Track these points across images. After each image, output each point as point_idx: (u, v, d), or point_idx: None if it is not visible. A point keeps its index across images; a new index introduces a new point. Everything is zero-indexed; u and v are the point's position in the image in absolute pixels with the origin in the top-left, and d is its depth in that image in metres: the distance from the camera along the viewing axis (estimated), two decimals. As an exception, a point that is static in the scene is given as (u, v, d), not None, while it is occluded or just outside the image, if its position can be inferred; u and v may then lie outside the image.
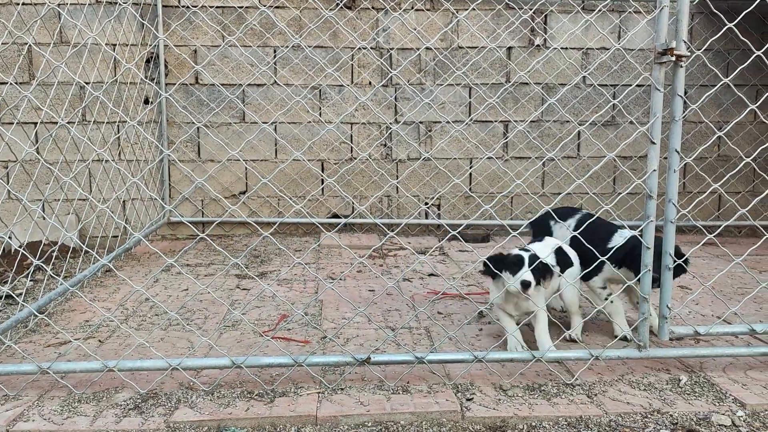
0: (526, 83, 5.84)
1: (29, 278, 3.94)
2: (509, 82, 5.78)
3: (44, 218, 4.99)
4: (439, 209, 5.97)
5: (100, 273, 4.39)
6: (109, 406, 2.35)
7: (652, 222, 2.50)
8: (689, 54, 2.44)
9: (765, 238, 2.77)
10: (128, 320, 3.40)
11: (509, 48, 5.82)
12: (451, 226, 5.68)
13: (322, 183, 5.81)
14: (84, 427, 2.19)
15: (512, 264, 2.68)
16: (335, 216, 5.84)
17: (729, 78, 2.68)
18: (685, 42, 2.42)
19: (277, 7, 5.59)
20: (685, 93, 2.46)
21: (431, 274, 4.41)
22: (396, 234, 3.25)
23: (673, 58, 2.40)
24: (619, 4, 5.78)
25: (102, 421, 2.23)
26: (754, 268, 4.57)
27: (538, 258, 2.68)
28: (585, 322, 3.00)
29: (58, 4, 5.14)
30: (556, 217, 3.38)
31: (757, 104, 2.74)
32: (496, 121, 5.87)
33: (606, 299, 2.99)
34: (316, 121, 5.74)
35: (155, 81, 5.49)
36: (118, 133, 5.40)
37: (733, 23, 2.64)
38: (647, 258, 2.52)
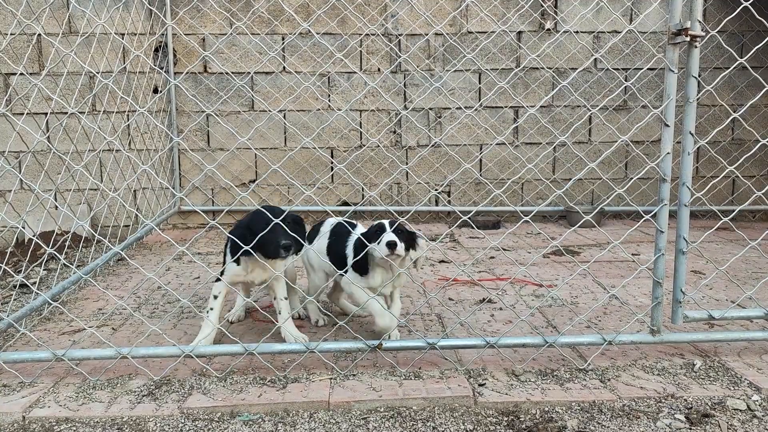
0: (537, 68, 5.78)
1: (43, 267, 3.98)
2: (519, 66, 5.72)
3: (56, 207, 5.02)
4: (449, 196, 5.95)
5: (113, 262, 4.42)
6: (123, 392, 2.38)
7: (666, 205, 2.48)
8: (704, 34, 2.39)
9: (781, 221, 2.73)
10: (141, 308, 3.42)
11: (519, 32, 5.76)
12: (461, 212, 5.66)
13: (332, 170, 5.80)
14: (99, 413, 2.21)
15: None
16: (345, 203, 5.84)
17: (744, 58, 2.63)
18: (699, 22, 2.38)
19: (284, -6, 5.56)
20: (699, 75, 2.42)
21: (442, 261, 4.40)
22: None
23: (688, 39, 2.36)
24: (631, -14, 5.70)
25: (117, 408, 2.25)
26: (769, 252, 4.52)
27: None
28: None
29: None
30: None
31: (773, 85, 2.69)
32: (506, 107, 5.82)
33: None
34: (325, 109, 5.72)
35: (164, 69, 5.49)
36: (128, 122, 5.41)
37: (748, 2, 2.58)
38: (661, 242, 2.50)
